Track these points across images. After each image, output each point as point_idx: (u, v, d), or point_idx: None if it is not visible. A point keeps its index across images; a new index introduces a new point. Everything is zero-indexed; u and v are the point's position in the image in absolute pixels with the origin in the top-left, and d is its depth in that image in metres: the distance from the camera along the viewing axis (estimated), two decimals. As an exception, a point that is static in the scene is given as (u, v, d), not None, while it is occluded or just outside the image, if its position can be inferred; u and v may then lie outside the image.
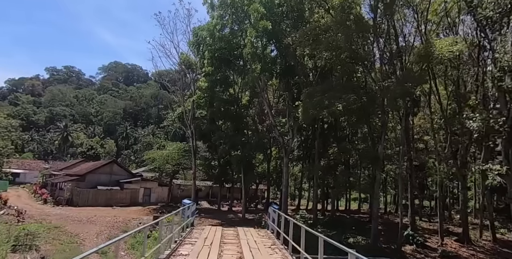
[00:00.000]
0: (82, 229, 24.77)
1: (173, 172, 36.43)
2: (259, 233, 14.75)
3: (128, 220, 28.20)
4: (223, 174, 35.37)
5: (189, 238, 12.59)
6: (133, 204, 41.68)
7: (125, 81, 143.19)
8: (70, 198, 39.88)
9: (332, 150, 27.02)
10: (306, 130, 33.29)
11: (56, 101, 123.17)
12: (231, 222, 27.62)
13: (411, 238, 21.00)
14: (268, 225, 16.09)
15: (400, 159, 20.88)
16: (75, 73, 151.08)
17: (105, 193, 40.81)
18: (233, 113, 28.54)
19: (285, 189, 25.12)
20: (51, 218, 28.31)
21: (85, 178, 42.51)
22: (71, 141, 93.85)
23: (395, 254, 19.36)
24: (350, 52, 19.29)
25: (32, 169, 63.78)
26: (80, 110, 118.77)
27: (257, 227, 19.35)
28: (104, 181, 43.22)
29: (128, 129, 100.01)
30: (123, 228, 25.44)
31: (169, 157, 35.58)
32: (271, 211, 15.73)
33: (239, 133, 29.41)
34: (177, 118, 38.64)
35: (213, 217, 30.53)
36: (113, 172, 44.37)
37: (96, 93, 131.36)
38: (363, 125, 21.74)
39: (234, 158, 29.24)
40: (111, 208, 38.47)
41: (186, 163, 36.65)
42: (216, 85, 29.46)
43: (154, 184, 44.12)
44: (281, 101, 33.50)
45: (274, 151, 40.98)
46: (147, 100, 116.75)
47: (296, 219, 27.00)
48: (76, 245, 20.78)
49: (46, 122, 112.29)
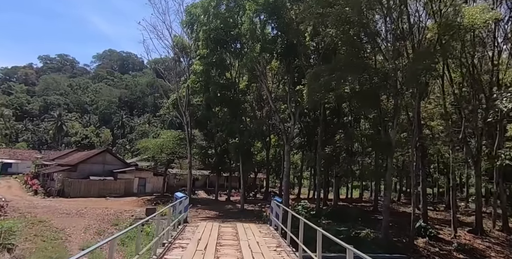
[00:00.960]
0: (69, 223, 22.85)
1: (168, 161, 34.40)
2: (261, 230, 12.84)
3: (120, 213, 26.30)
4: (220, 163, 33.44)
5: (180, 239, 10.64)
6: (128, 194, 39.79)
7: (120, 69, 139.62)
8: (62, 189, 37.91)
9: (338, 136, 24.96)
10: (307, 116, 31.23)
11: (50, 90, 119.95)
12: (229, 213, 25.84)
13: (423, 230, 19.28)
14: (270, 221, 14.20)
15: (412, 144, 18.94)
16: (69, 62, 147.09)
17: (98, 184, 38.86)
18: (230, 99, 26.36)
19: (286, 179, 23.25)
20: (38, 211, 26.34)
21: (77, 168, 40.46)
22: (66, 131, 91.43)
23: (407, 248, 17.64)
24: (360, 27, 17.10)
25: (24, 159, 61.48)
26: (74, 99, 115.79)
27: (257, 222, 17.52)
28: (97, 171, 41.20)
29: (124, 118, 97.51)
30: (113, 222, 23.56)
31: (163, 145, 33.50)
32: (274, 205, 13.80)
33: (237, 120, 27.30)
34: (171, 105, 36.41)
35: (210, 208, 28.71)
36: (106, 161, 42.32)
37: (91, 81, 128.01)
38: (371, 110, 19.73)
39: (232, 146, 27.24)
40: (105, 199, 36.58)
41: (181, 151, 34.59)
42: (211, 68, 27.15)
43: (149, 174, 42.18)
44: (280, 87, 31.30)
45: (273, 138, 39.03)
46: (143, 88, 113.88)
47: (298, 210, 25.28)
48: (60, 242, 18.87)
49: (40, 112, 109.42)
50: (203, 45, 26.91)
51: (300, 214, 24.13)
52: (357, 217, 23.56)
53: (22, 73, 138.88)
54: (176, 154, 34.46)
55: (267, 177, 37.03)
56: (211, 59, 26.74)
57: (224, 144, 33.47)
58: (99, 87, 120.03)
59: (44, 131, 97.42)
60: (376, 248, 15.30)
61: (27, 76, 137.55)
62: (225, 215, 24.56)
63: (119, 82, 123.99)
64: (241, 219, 21.04)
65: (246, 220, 19.90)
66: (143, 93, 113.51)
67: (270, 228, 13.48)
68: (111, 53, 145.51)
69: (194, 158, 36.21)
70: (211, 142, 34.16)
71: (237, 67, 30.09)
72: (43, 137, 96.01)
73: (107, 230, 21.98)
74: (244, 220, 20.35)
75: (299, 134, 33.00)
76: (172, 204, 13.80)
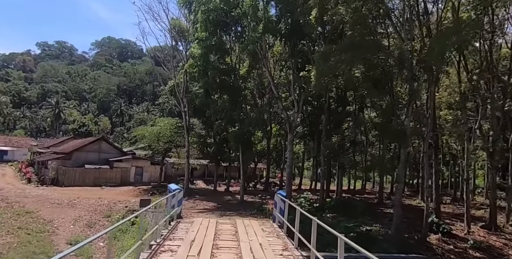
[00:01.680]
0: (59, 213, 21.41)
1: (165, 150, 32.83)
2: (264, 228, 11.32)
3: (114, 203, 24.86)
4: (219, 152, 31.89)
5: (171, 240, 9.10)
6: (124, 183, 38.41)
7: (119, 57, 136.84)
8: (56, 177, 36.47)
9: (346, 124, 23.25)
10: (310, 104, 29.50)
11: (48, 77, 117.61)
12: (228, 205, 24.42)
13: (436, 226, 17.84)
14: (274, 217, 12.69)
15: (427, 132, 17.29)
16: (67, 49, 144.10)
17: (93, 172, 37.43)
18: (230, 85, 24.59)
19: (289, 169, 21.73)
20: (28, 200, 24.89)
21: (72, 156, 38.95)
22: (64, 118, 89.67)
23: (419, 245, 16.22)
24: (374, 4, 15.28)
25: (20, 146, 59.94)
26: (73, 86, 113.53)
27: (259, 216, 16.05)
28: (92, 159, 39.70)
29: (123, 106, 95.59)
30: (106, 213, 22.13)
31: (160, 134, 31.86)
32: (278, 199, 12.28)
33: (237, 107, 25.59)
34: (169, 92, 34.70)
35: (208, 200, 27.31)
36: (102, 150, 40.78)
37: (90, 69, 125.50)
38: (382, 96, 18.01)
39: (231, 134, 25.62)
40: (100, 188, 35.23)
41: (179, 140, 33.00)
42: (210, 52, 25.28)
43: (146, 163, 40.73)
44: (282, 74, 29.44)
45: (274, 128, 37.41)
46: (142, 76, 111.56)
47: (300, 202, 23.83)
48: (46, 235, 17.43)
49: (38, 99, 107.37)
50: (201, 28, 24.99)
51: (302, 207, 22.71)
52: (363, 211, 22.14)
53: (20, 59, 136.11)
54: (174, 143, 32.87)
55: (267, 167, 35.56)
56: (210, 42, 24.86)
57: (224, 133, 31.90)
58: (97, 74, 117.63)
59: (42, 119, 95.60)
60: (388, 246, 13.87)
61: (25, 63, 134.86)
62: (224, 207, 23.14)
63: (118, 70, 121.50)
64: (241, 212, 19.60)
65: (246, 214, 18.45)
66: (142, 81, 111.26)
67: (274, 226, 11.98)
68: (110, 41, 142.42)
69: (192, 147, 34.67)
70: (210, 131, 32.55)
71: (238, 52, 28.24)
72: (41, 125, 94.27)
73: (98, 222, 20.56)
74: (244, 213, 18.91)
75: (302, 124, 31.32)
76: (163, 198, 12.31)
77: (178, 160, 35.66)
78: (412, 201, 31.76)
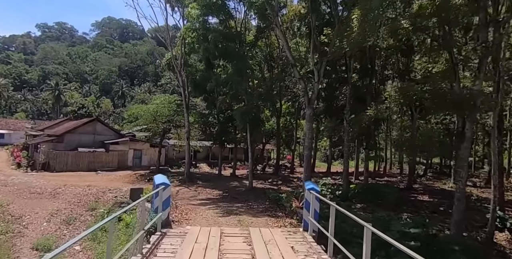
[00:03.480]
0: (34, 207, 17.50)
1: (163, 130, 28.58)
2: (294, 245, 7.13)
3: (103, 192, 20.90)
4: (223, 132, 27.60)
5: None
6: (122, 168, 34.55)
7: (120, 37, 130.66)
8: (47, 162, 32.63)
9: (388, 92, 18.63)
10: (327, 76, 24.79)
11: (49, 59, 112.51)
12: (235, 193, 20.36)
13: (500, 221, 13.70)
14: (305, 223, 8.49)
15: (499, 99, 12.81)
16: (67, 30, 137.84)
17: (87, 156, 33.47)
18: (235, 51, 19.91)
19: (307, 152, 17.45)
20: (5, 189, 21.02)
21: (64, 138, 34.90)
22: (64, 100, 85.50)
23: (488, 248, 12.11)
24: None
25: (17, 129, 56.10)
26: (73, 68, 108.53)
27: (276, 214, 11.87)
28: (86, 142, 35.69)
29: (124, 88, 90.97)
30: (91, 205, 18.18)
31: (157, 113, 27.50)
32: (312, 198, 8.05)
33: (243, 79, 21.04)
34: (166, 66, 30.03)
35: (212, 186, 23.29)
36: (97, 131, 36.67)
37: (90, 50, 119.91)
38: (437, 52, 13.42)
39: (238, 111, 21.20)
40: (95, 174, 31.43)
41: (179, 119, 28.68)
42: (210, 12, 20.48)
43: (145, 145, 36.70)
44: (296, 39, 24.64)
45: (284, 105, 32.96)
46: (143, 56, 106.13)
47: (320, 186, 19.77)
48: (8, 237, 13.50)
49: (39, 81, 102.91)
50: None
51: (324, 196, 18.62)
52: (397, 200, 18.00)
53: (20, 42, 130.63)
54: (173, 123, 28.57)
55: (277, 149, 31.32)
56: (210, 1, 19.99)
57: (228, 111, 27.57)
58: (98, 56, 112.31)
59: (43, 101, 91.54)
60: (459, 254, 9.72)
61: (25, 45, 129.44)
62: (230, 197, 19.09)
63: (119, 51, 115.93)
64: (252, 205, 15.49)
65: (259, 208, 14.32)
66: (144, 61, 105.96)
67: (307, 238, 7.79)
68: (110, 21, 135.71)
69: (193, 127, 30.42)
70: (212, 109, 28.12)
71: (243, 15, 23.41)
72: (42, 107, 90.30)
73: (79, 217, 16.63)
74: (256, 207, 14.78)
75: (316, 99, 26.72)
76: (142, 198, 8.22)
77: (179, 142, 31.51)
78: (441, 184, 27.62)
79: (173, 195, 20.67)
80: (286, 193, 17.03)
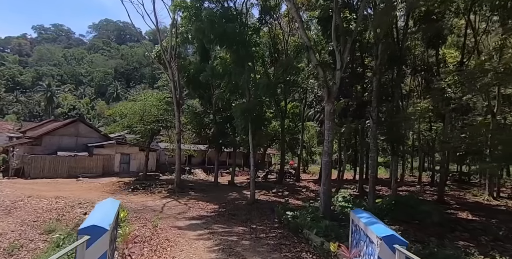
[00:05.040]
0: (-28, 229, 13.18)
1: (151, 132, 24.40)
2: None
3: (72, 206, 16.64)
4: (220, 134, 23.48)
5: None
6: (107, 174, 30.34)
7: (117, 40, 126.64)
8: (21, 167, 28.33)
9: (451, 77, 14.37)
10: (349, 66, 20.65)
11: (44, 61, 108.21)
12: (235, 209, 16.17)
13: None
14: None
15: None
16: (64, 32, 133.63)
17: (67, 161, 29.18)
18: (236, 33, 15.80)
19: (327, 158, 13.33)
20: (-48, 203, 16.75)
21: (42, 141, 30.65)
22: (57, 102, 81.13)
23: None
24: None
25: (1, 131, 51.64)
26: (69, 70, 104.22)
27: (296, 249, 7.76)
28: (67, 145, 31.45)
29: (119, 89, 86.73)
30: (49, 226, 13.85)
31: (145, 111, 23.34)
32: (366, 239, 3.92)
33: (245, 69, 17.00)
34: (156, 59, 25.95)
35: (207, 198, 19.12)
36: (80, 133, 32.43)
37: (87, 52, 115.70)
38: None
39: (238, 108, 17.07)
40: (75, 180, 27.18)
41: (170, 119, 24.52)
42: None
43: (134, 149, 32.53)
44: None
45: (289, 105, 28.92)
46: (140, 58, 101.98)
47: (339, 204, 15.66)
48: None
49: (33, 83, 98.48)
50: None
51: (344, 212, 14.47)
52: (441, 220, 13.89)
53: (15, 43, 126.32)
54: (163, 123, 24.40)
55: (282, 153, 27.14)
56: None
57: (226, 110, 23.49)
58: (94, 58, 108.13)
59: (36, 103, 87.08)
60: None
61: (21, 46, 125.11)
62: (228, 213, 14.91)
63: (116, 53, 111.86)
64: (257, 231, 11.32)
65: (272, 241, 10.11)
66: (141, 63, 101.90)
67: None
68: (107, 23, 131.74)
69: (186, 129, 26.30)
70: (208, 107, 24.02)
71: None
72: (34, 109, 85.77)
73: (27, 244, 12.28)
74: (264, 235, 10.59)
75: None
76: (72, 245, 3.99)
77: (170, 145, 27.33)
78: (470, 195, 23.53)
79: (158, 210, 16.49)
80: (301, 212, 12.89)
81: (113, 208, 5.00)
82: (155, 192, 21.05)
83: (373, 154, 15.47)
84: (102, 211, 4.70)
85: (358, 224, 5.50)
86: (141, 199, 19.08)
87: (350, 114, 20.64)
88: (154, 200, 18.61)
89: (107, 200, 5.97)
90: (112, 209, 4.88)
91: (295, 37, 27.30)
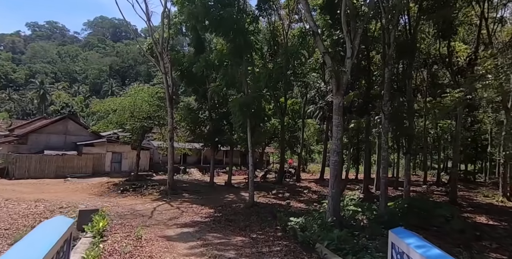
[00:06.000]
0: None
1: (143, 129, 22.67)
2: None
3: (52, 211, 14.90)
4: (217, 132, 21.81)
5: None
6: (97, 173, 28.60)
7: (113, 37, 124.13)
8: (5, 167, 26.52)
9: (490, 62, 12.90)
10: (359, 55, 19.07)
11: (37, 58, 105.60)
12: (232, 214, 14.52)
13: None
14: None
15: None
16: (58, 29, 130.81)
17: (55, 160, 27.37)
18: (233, 19, 14.09)
19: (335, 157, 11.76)
20: None
21: (28, 139, 28.82)
22: (50, 100, 78.91)
23: None
24: None
25: (-10, 129, 49.54)
26: (63, 67, 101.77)
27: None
28: (56, 143, 29.64)
29: (114, 87, 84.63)
30: (20, 236, 12.13)
31: (135, 107, 21.58)
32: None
33: (243, 60, 15.34)
34: (148, 52, 24.19)
35: (202, 201, 17.50)
36: (69, 131, 30.61)
37: (81, 49, 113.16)
38: None
39: (235, 102, 15.40)
40: (63, 181, 25.43)
41: (163, 116, 22.77)
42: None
43: (126, 148, 30.73)
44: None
45: (289, 101, 27.31)
46: (135, 56, 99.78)
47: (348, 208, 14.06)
48: None
49: (26, 81, 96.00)
50: None
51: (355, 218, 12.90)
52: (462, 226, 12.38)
53: (9, 40, 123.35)
54: (155, 120, 22.66)
55: (281, 152, 25.53)
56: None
57: (222, 106, 21.84)
58: (89, 55, 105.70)
59: (29, 101, 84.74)
60: None
61: (15, 44, 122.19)
62: (225, 219, 13.26)
63: (111, 50, 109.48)
64: (258, 241, 9.71)
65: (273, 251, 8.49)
66: (136, 61, 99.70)
67: None
68: (102, 20, 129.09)
69: (180, 126, 24.60)
70: (203, 103, 22.33)
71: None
72: (27, 107, 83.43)
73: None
74: (267, 249, 8.96)
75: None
76: None
77: (164, 143, 25.62)
78: (481, 196, 22.06)
79: (147, 215, 14.81)
80: (307, 218, 11.31)
81: (55, 235, 3.36)
82: (146, 194, 19.36)
83: (385, 153, 13.88)
84: (32, 243, 3.07)
85: (405, 252, 3.93)
86: (130, 201, 17.39)
87: (355, 110, 19.06)
88: (144, 203, 16.91)
89: (52, 220, 4.31)
90: (51, 238, 3.24)
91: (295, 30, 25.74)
